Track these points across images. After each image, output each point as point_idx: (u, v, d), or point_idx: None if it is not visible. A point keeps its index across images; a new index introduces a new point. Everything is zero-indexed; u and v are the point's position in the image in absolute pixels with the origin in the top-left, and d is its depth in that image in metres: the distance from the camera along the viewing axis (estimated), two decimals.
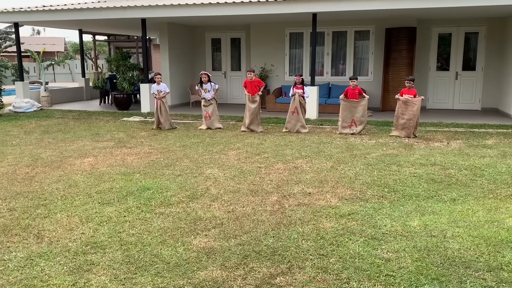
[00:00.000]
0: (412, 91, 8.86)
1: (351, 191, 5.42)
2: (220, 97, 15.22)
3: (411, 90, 8.86)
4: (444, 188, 5.52)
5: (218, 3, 11.18)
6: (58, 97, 15.87)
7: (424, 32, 12.93)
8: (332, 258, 3.61)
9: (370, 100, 13.04)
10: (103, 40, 26.84)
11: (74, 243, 3.94)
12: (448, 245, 3.80)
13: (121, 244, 3.90)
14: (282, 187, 5.61)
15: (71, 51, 44.54)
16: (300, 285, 3.20)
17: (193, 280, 3.27)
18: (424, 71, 13.17)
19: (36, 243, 3.98)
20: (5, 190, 5.59)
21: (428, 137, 8.95)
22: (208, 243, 3.93)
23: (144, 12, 12.11)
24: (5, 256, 3.73)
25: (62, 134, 9.70)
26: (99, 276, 3.35)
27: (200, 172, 6.36)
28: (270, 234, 4.12)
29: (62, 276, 3.36)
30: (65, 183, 5.87)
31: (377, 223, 4.34)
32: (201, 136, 9.25)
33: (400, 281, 3.22)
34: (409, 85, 8.87)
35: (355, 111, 9.38)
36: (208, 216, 4.61)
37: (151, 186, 5.63)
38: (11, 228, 4.34)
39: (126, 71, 13.75)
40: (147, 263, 3.54)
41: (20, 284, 3.26)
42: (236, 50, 15.27)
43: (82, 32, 17.32)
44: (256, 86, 9.96)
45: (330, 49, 13.77)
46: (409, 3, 9.93)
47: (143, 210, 4.78)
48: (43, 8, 13.27)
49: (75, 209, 4.83)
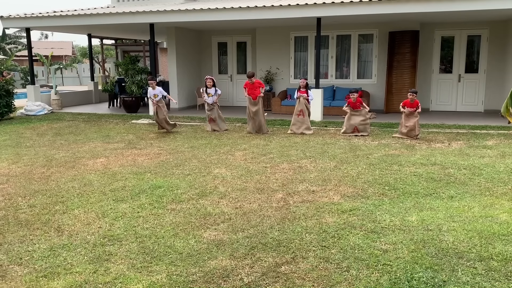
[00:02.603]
0: (414, 103, 9.14)
1: (353, 189, 5.66)
2: (226, 100, 15.57)
3: (413, 103, 9.14)
4: (443, 186, 5.74)
5: (225, 8, 11.47)
6: (68, 100, 16.23)
7: (427, 35, 13.16)
8: (333, 249, 3.85)
9: (374, 102, 13.39)
10: (111, 44, 27.27)
11: (92, 236, 4.22)
12: (443, 237, 4.04)
13: (136, 237, 4.18)
14: (287, 185, 5.86)
15: (79, 55, 45.09)
16: (304, 273, 3.45)
17: (204, 268, 3.53)
18: (427, 74, 13.38)
19: (57, 236, 4.27)
20: (24, 188, 5.89)
21: (430, 138, 9.17)
22: (218, 235, 4.19)
23: (152, 17, 12.43)
24: (29, 247, 4.01)
25: (74, 136, 10.02)
26: (118, 265, 3.62)
27: (208, 172, 6.62)
28: (275, 228, 4.38)
29: (83, 265, 3.64)
30: (80, 182, 6.16)
31: (377, 218, 4.58)
32: (208, 137, 9.53)
33: (396, 269, 3.46)
34: (411, 97, 9.12)
35: (356, 119, 9.66)
36: (217, 211, 4.87)
37: (162, 185, 5.90)
38: (32, 222, 4.63)
39: (135, 75, 14.07)
40: (161, 254, 3.81)
41: (46, 271, 3.54)
42: (242, 54, 15.56)
43: (91, 37, 17.69)
44: (257, 88, 9.98)
45: (334, 52, 14.02)
46: (411, 7, 10.16)
47: (155, 206, 5.06)
48: (54, 14, 13.63)
49: (91, 206, 5.11)
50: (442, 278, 3.31)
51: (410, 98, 9.13)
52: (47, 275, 3.48)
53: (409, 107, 9.15)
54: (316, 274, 3.42)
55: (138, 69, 14.24)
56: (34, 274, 3.50)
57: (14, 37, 37.73)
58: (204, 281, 3.35)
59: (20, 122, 12.41)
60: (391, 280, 3.30)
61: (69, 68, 35.21)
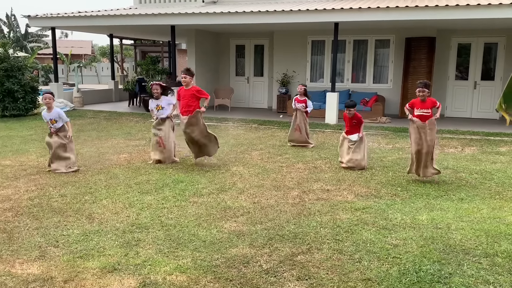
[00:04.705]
0: (427, 102, 6.07)
1: (366, 189, 5.89)
2: (242, 102, 15.89)
3: (425, 102, 6.07)
4: (454, 189, 5.94)
5: (245, 12, 11.78)
6: (89, 98, 16.72)
7: (443, 42, 13.28)
8: (346, 242, 4.10)
9: (389, 107, 13.55)
10: (130, 44, 27.87)
11: (121, 224, 4.54)
12: (451, 235, 4.25)
13: (162, 226, 4.48)
14: (302, 184, 6.12)
15: (98, 54, 45.92)
16: (318, 262, 3.71)
17: (226, 255, 3.81)
18: (443, 80, 13.50)
19: (88, 222, 4.59)
20: (54, 179, 6.26)
21: (443, 143, 9.33)
22: (237, 227, 4.47)
23: (174, 19, 12.80)
24: (64, 232, 4.34)
25: (97, 133, 10.41)
26: (146, 249, 3.93)
27: (226, 169, 6.91)
28: (291, 222, 4.64)
29: (114, 248, 3.95)
30: (106, 175, 6.50)
31: (389, 216, 4.81)
32: (226, 137, 9.82)
33: (405, 262, 3.69)
34: (422, 94, 5.99)
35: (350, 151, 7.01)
36: (236, 205, 5.15)
37: (183, 180, 6.21)
38: (65, 210, 4.97)
39: (155, 75, 14.48)
40: (186, 241, 4.11)
41: (81, 253, 3.85)
42: (259, 56, 15.87)
43: (112, 37, 18.18)
44: (193, 97, 6.90)
45: (350, 57, 14.23)
46: (428, 14, 10.34)
47: (178, 199, 5.36)
48: (79, 14, 14.12)
49: (118, 197, 5.44)
50: (448, 271, 3.54)
51: (420, 96, 6.03)
52: (83, 256, 3.80)
53: (421, 107, 6.06)
54: (330, 264, 3.67)
55: (159, 70, 14.65)
56: (70, 255, 3.82)
57: (36, 35, 38.72)
58: (226, 266, 3.63)
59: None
60: (400, 271, 3.54)
61: (88, 66, 36.05)
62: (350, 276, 3.47)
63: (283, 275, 3.49)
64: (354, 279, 3.43)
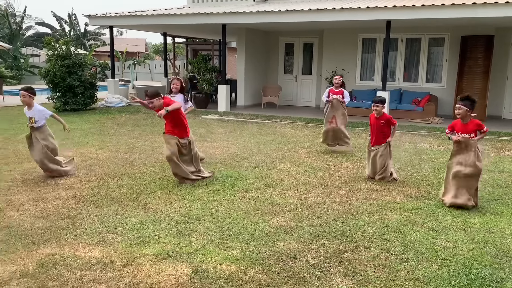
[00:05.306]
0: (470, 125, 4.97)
1: (416, 190, 5.81)
2: (290, 100, 15.95)
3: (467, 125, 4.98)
4: (509, 193, 5.73)
5: (295, 10, 11.82)
6: (143, 94, 17.38)
7: (502, 41, 12.68)
8: (394, 242, 4.10)
9: (442, 107, 13.13)
10: (181, 42, 28.62)
11: (174, 214, 4.77)
12: (505, 240, 4.14)
13: (212, 218, 4.67)
14: (350, 183, 6.12)
15: (151, 52, 47.45)
16: (365, 260, 3.74)
17: (274, 248, 3.93)
18: (500, 80, 12.90)
19: (144, 212, 4.86)
20: (112, 170, 6.63)
21: (499, 146, 8.96)
22: (285, 222, 4.58)
23: (225, 18, 13.06)
24: (121, 220, 4.63)
25: (150, 128, 10.85)
26: (198, 239, 4.12)
27: (274, 166, 7.03)
28: (339, 220, 4.68)
29: (168, 237, 4.17)
30: (160, 168, 6.81)
31: (439, 218, 4.74)
32: (273, 134, 9.94)
33: (455, 264, 3.65)
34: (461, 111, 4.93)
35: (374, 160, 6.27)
36: (283, 201, 5.26)
37: (232, 175, 6.39)
38: (122, 200, 5.28)
39: (206, 73, 14.84)
40: (236, 233, 4.26)
41: (138, 240, 4.11)
42: (308, 54, 15.85)
43: (166, 35, 18.78)
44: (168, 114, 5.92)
45: (403, 55, 13.91)
46: (486, 12, 9.91)
47: (227, 193, 5.54)
48: (135, 14, 14.71)
49: (171, 189, 5.69)
50: (500, 275, 3.46)
51: (459, 112, 4.95)
52: (139, 243, 4.05)
53: (461, 131, 5.02)
54: (377, 262, 3.70)
55: (210, 68, 15.01)
56: (128, 242, 4.08)
57: (94, 34, 40.59)
58: (274, 259, 3.75)
59: (101, 112, 13.54)
60: (449, 273, 3.51)
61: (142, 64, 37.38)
62: (397, 275, 3.49)
63: (329, 271, 3.56)
64: (402, 278, 3.44)
